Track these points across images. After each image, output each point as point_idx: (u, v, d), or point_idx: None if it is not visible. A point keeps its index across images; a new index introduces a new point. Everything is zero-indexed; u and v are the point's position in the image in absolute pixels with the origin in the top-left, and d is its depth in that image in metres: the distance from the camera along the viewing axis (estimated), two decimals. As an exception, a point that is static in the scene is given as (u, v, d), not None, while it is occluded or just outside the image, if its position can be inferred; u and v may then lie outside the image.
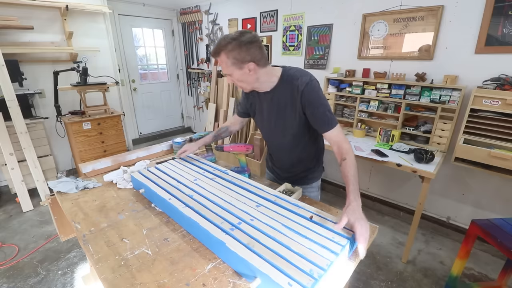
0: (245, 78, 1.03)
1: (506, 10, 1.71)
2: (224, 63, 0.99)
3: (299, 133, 1.15)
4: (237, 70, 0.99)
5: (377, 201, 2.68)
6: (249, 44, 0.94)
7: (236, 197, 1.02)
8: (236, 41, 0.94)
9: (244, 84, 1.07)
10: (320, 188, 1.39)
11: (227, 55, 0.96)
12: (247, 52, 0.95)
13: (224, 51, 0.96)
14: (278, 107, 1.12)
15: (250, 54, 0.96)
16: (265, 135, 1.30)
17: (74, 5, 2.91)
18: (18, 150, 2.55)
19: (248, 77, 1.02)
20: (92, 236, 0.92)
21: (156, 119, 4.79)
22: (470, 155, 1.75)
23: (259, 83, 1.08)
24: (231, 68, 0.99)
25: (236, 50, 0.95)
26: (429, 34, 2.04)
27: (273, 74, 1.08)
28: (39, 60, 2.93)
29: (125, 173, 1.36)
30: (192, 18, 4.16)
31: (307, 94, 1.02)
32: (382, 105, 2.34)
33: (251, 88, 1.11)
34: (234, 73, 1.01)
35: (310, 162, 1.28)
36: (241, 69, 0.99)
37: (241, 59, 0.96)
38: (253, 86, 1.09)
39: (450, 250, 2.09)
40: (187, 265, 0.79)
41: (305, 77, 1.03)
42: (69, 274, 1.84)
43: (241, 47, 0.94)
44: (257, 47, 0.97)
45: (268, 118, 1.19)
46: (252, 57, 0.96)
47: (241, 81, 1.05)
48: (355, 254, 0.83)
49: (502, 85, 1.71)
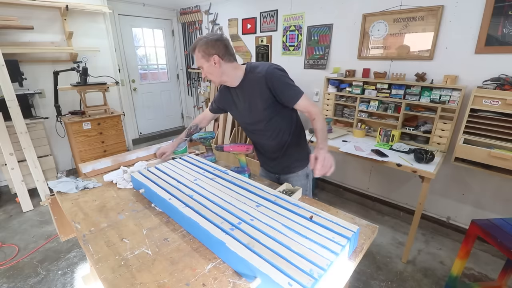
0: (211, 70, 1.19)
1: (506, 10, 1.71)
2: (196, 56, 1.19)
3: (272, 118, 1.25)
4: (205, 62, 1.17)
5: (377, 201, 2.68)
6: (214, 42, 1.15)
7: (236, 197, 1.02)
8: (205, 38, 1.15)
9: (213, 76, 1.21)
10: (309, 177, 1.43)
11: (198, 49, 1.16)
12: (213, 48, 1.15)
13: (197, 46, 1.16)
14: (249, 97, 1.24)
15: (215, 49, 1.15)
16: (244, 126, 1.40)
17: (74, 5, 2.91)
18: (18, 150, 2.55)
19: (214, 69, 1.18)
20: (92, 236, 0.92)
21: (156, 119, 4.79)
22: (470, 155, 1.75)
23: (227, 77, 1.22)
24: (201, 61, 1.17)
25: (204, 45, 1.15)
26: (429, 34, 2.05)
27: (239, 69, 1.23)
28: (39, 60, 2.93)
29: (125, 173, 1.36)
30: (192, 18, 4.16)
31: (270, 76, 1.16)
32: (382, 105, 2.34)
33: (219, 82, 1.25)
34: (204, 65, 1.18)
35: (293, 149, 1.36)
36: (208, 61, 1.16)
37: (208, 52, 1.15)
38: (220, 79, 1.23)
39: (450, 250, 2.09)
40: (187, 265, 0.79)
41: (265, 65, 1.20)
42: (69, 274, 1.84)
43: (208, 43, 1.14)
44: (222, 45, 1.15)
45: (242, 109, 1.31)
46: (217, 51, 1.15)
47: (209, 73, 1.20)
48: (355, 254, 0.83)
49: (502, 85, 1.71)
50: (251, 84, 1.21)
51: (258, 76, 1.18)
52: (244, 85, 1.24)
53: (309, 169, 1.40)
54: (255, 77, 1.19)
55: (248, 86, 1.22)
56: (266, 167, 1.52)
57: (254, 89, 1.20)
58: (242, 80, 1.23)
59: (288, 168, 1.40)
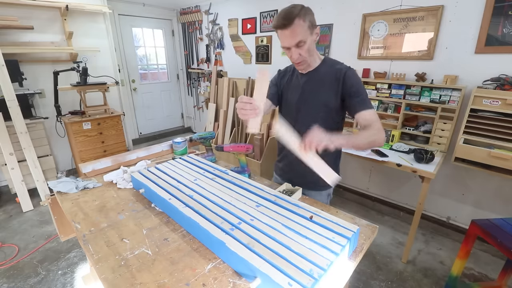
0: (312, 47, 1.03)
1: (506, 10, 1.71)
2: (299, 28, 0.96)
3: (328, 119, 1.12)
4: (310, 35, 0.99)
5: (377, 201, 2.68)
6: (310, 10, 0.98)
7: (236, 197, 1.02)
8: (304, 7, 0.97)
9: (311, 56, 1.06)
10: (329, 196, 1.32)
11: (304, 19, 0.95)
12: (313, 17, 0.98)
13: (298, 16, 0.94)
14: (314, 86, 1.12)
15: (314, 19, 0.98)
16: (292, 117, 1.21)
17: (74, 5, 2.91)
18: (18, 150, 2.55)
19: (313, 45, 1.03)
20: (92, 236, 0.92)
21: (156, 119, 4.79)
22: (470, 155, 1.75)
23: (313, 57, 1.09)
24: (307, 33, 0.97)
25: (309, 12, 0.97)
26: (429, 34, 2.05)
27: (317, 53, 1.11)
28: (39, 60, 2.93)
29: (125, 173, 1.36)
30: (192, 18, 4.16)
31: (351, 76, 1.04)
32: (382, 105, 2.34)
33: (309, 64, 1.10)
34: (308, 39, 0.99)
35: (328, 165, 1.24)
36: (312, 34, 1.00)
37: (314, 21, 0.98)
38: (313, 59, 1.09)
39: (450, 250, 2.09)
40: (187, 265, 0.79)
41: (346, 65, 1.09)
42: (69, 274, 1.84)
43: (310, 11, 0.98)
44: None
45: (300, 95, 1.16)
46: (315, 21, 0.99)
47: (310, 51, 1.04)
48: (355, 254, 0.83)
49: (502, 85, 1.71)
50: (326, 75, 1.09)
51: (338, 71, 1.06)
52: (317, 72, 1.11)
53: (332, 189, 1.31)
54: (334, 71, 1.07)
55: (322, 75, 1.10)
56: (287, 176, 1.34)
57: (326, 80, 1.08)
58: (317, 66, 1.11)
59: (314, 184, 1.23)
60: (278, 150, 1.38)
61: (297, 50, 1.02)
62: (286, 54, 1.07)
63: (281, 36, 1.01)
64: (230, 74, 3.82)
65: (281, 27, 0.97)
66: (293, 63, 1.11)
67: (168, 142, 1.71)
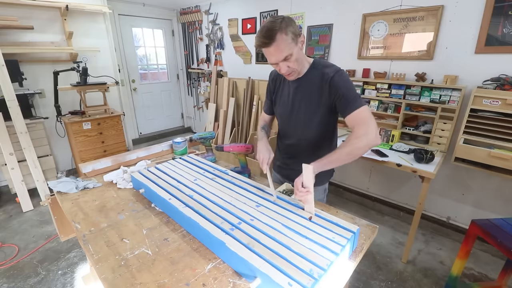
0: (300, 55, 1.02)
1: (506, 10, 1.71)
2: (283, 43, 0.94)
3: (321, 123, 1.13)
4: (295, 46, 0.98)
5: (377, 201, 2.68)
6: (292, 20, 0.97)
7: (236, 197, 1.02)
8: (280, 18, 0.95)
9: (299, 64, 1.04)
10: (326, 191, 1.35)
11: (285, 32, 0.93)
12: (295, 26, 0.97)
13: (280, 31, 0.93)
14: (304, 93, 1.11)
15: (296, 28, 0.97)
16: (285, 124, 1.25)
17: (74, 5, 2.91)
18: (18, 150, 2.55)
19: (300, 54, 1.02)
20: (92, 236, 0.92)
21: (156, 119, 4.79)
22: (470, 155, 1.75)
23: (302, 63, 1.07)
24: (291, 45, 0.96)
25: (290, 24, 0.95)
26: (429, 34, 2.04)
27: (306, 58, 1.10)
28: (39, 60, 2.93)
29: (125, 173, 1.36)
30: (192, 18, 4.16)
31: (338, 80, 1.02)
32: (382, 105, 2.34)
33: (299, 72, 1.09)
34: (294, 51, 0.98)
35: None
36: (297, 44, 0.99)
37: (296, 31, 0.97)
38: (302, 66, 1.08)
39: (450, 250, 2.09)
40: (187, 265, 0.79)
41: (335, 67, 1.07)
42: (69, 274, 1.84)
43: (291, 22, 0.96)
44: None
45: (291, 105, 1.17)
46: (298, 30, 0.98)
47: (298, 61, 1.02)
48: (355, 254, 0.83)
49: (502, 85, 1.71)
50: (313, 80, 1.08)
51: (324, 75, 1.05)
52: (305, 78, 1.10)
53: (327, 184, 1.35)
54: (321, 74, 1.06)
55: (310, 81, 1.09)
56: (284, 172, 1.37)
57: (314, 86, 1.08)
58: (306, 72, 1.10)
59: None
60: (276, 149, 1.39)
61: (285, 63, 1.01)
62: (275, 68, 1.07)
63: (267, 54, 1.00)
64: (230, 74, 3.82)
65: (264, 45, 0.96)
66: (282, 75, 1.11)
67: (168, 142, 1.70)
